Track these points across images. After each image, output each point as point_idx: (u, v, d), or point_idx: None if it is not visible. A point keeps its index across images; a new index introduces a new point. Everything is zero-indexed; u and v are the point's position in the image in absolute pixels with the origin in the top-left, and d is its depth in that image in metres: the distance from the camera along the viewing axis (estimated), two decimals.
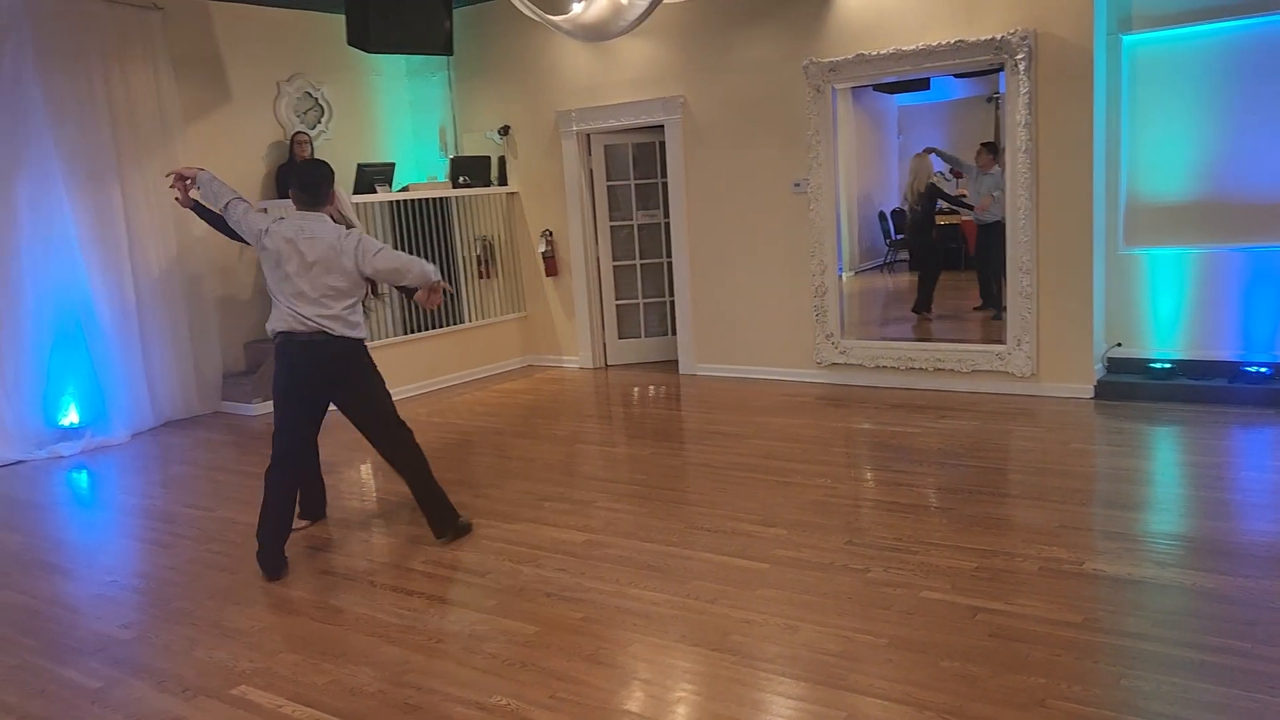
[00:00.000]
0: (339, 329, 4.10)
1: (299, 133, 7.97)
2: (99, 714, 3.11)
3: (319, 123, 8.38)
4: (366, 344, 4.29)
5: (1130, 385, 6.10)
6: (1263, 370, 5.85)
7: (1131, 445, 5.30)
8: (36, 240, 6.50)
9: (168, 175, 4.57)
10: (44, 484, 6.00)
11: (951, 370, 6.61)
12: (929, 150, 8.13)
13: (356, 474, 5.78)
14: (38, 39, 6.44)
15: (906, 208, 8.52)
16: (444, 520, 4.41)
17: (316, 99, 8.36)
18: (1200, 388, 5.91)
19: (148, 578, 4.29)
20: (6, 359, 6.43)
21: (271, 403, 4.23)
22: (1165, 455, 5.27)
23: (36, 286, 6.52)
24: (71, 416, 6.75)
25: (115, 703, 3.17)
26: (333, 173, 4.28)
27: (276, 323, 4.12)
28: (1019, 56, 5.98)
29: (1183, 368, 6.12)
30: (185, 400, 7.43)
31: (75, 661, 3.49)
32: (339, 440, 6.51)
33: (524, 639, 3.41)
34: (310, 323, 4.06)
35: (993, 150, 7.16)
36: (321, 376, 4.16)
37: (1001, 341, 6.45)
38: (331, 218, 4.22)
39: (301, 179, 4.22)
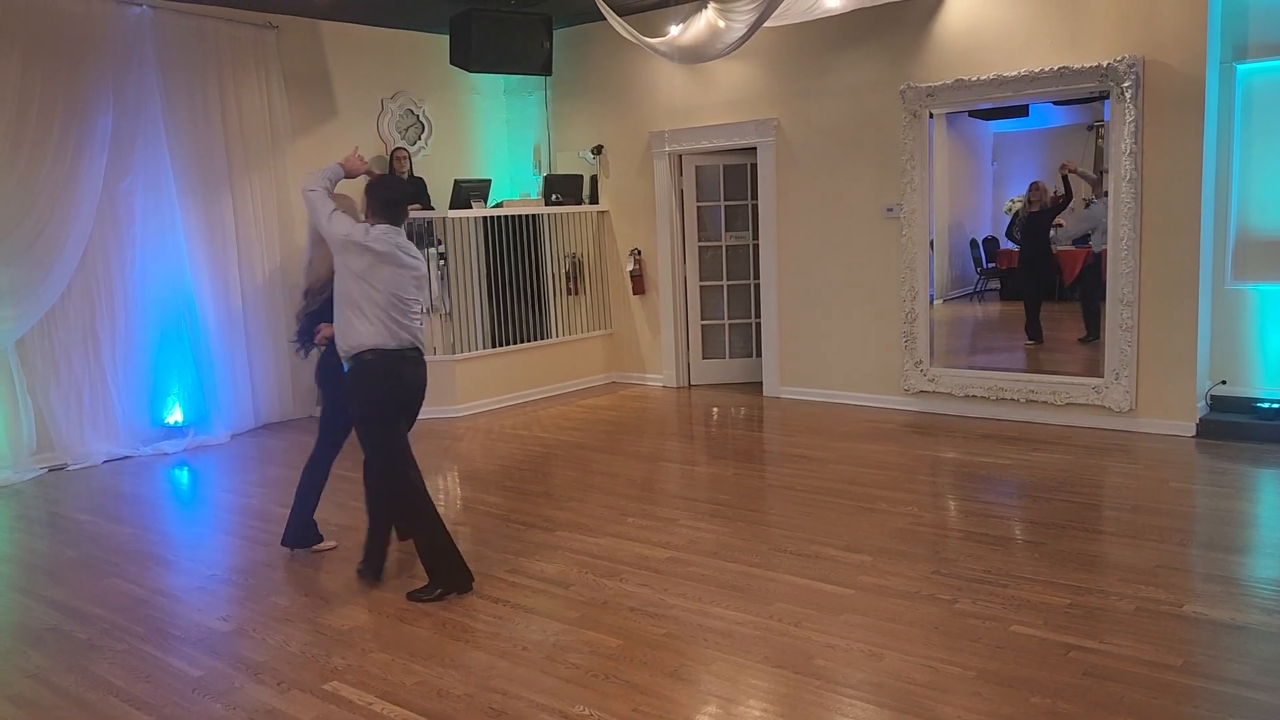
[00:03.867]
0: (424, 346, 4.19)
1: (399, 148, 8.21)
2: (198, 701, 3.24)
3: (419, 139, 8.62)
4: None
5: (1234, 425, 5.87)
6: None
7: (1234, 486, 5.11)
8: (149, 246, 6.83)
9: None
10: (149, 479, 6.27)
11: (1045, 402, 6.46)
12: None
13: (444, 480, 5.90)
14: (161, 55, 6.78)
15: (1019, 234, 8.31)
16: (373, 558, 4.23)
17: (418, 116, 8.61)
18: None
19: (245, 573, 4.45)
20: (119, 358, 6.75)
21: None
22: (1270, 498, 5.06)
23: (148, 290, 6.84)
24: (176, 415, 7.04)
25: (214, 691, 3.30)
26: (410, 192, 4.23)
27: None
28: (1125, 84, 5.85)
29: None
30: (282, 404, 7.69)
31: (178, 650, 3.64)
32: (425, 448, 6.66)
33: (607, 651, 3.44)
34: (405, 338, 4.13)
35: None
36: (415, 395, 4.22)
37: (1099, 375, 6.29)
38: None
39: (394, 194, 4.16)
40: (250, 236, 7.39)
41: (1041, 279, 8.14)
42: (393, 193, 4.10)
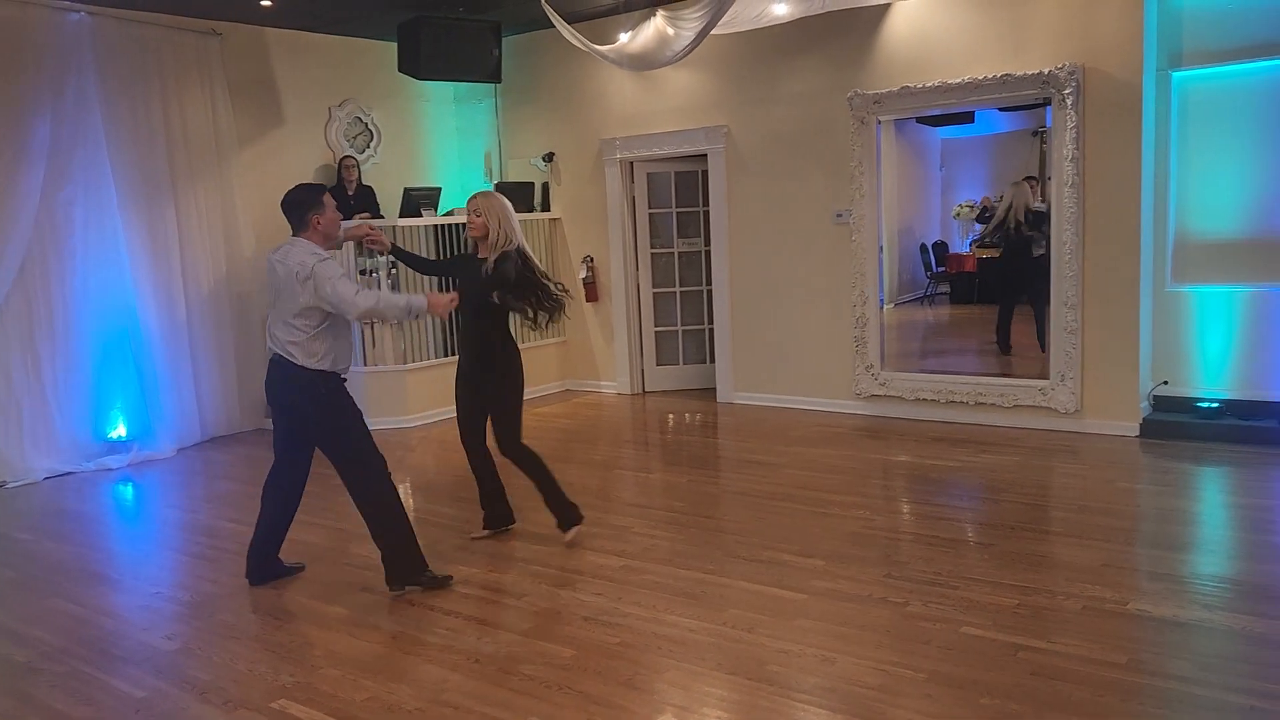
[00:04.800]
0: (298, 357, 4.01)
1: (347, 157, 8.13)
2: None
3: (368, 147, 8.54)
4: (331, 374, 4.08)
5: (1177, 424, 6.01)
6: None
7: (1177, 485, 5.22)
8: (90, 257, 6.68)
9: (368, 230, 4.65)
10: (92, 496, 6.12)
11: (993, 405, 6.56)
12: (1029, 179, 7.99)
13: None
14: (100, 63, 6.64)
15: (999, 238, 8.32)
16: (398, 574, 4.14)
17: (366, 124, 8.52)
18: (1249, 428, 5.81)
19: (191, 590, 4.36)
20: (59, 372, 6.58)
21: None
22: (1212, 496, 5.18)
23: (89, 302, 6.69)
24: (120, 430, 6.89)
25: (158, 712, 3.22)
26: (312, 196, 4.17)
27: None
28: (1066, 91, 5.97)
29: (1231, 407, 6.02)
30: (230, 417, 7.56)
31: (121, 671, 3.55)
32: None
33: (561, 662, 3.42)
34: (272, 346, 4.10)
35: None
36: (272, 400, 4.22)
37: (1045, 377, 6.39)
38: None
39: (283, 201, 4.18)
40: (195, 246, 7.26)
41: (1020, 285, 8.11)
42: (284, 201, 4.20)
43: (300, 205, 4.12)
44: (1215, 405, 6.05)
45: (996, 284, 8.51)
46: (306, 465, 4.35)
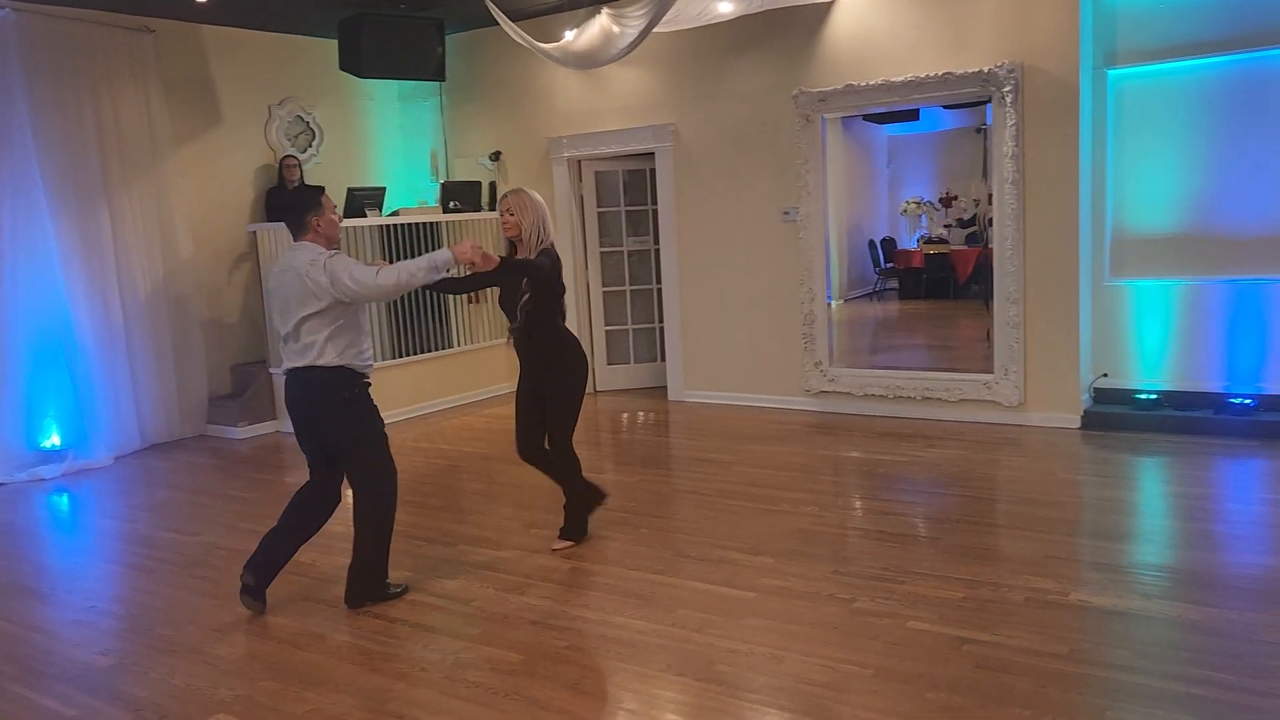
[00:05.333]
0: (316, 359, 3.82)
1: (288, 156, 7.99)
2: None
3: (310, 146, 8.40)
4: (354, 371, 3.90)
5: (1116, 416, 6.12)
6: (1247, 402, 5.88)
7: (1117, 476, 5.31)
8: (19, 260, 6.47)
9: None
10: (24, 507, 5.94)
11: (940, 399, 6.63)
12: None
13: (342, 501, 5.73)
14: (26, 59, 6.44)
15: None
16: (357, 593, 4.02)
17: (308, 123, 8.38)
18: (1185, 419, 5.93)
19: (128, 603, 4.24)
20: None
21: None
22: (1151, 486, 5.29)
23: (18, 306, 6.48)
24: (53, 439, 6.69)
25: None
26: (309, 198, 4.00)
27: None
28: (1006, 89, 6.05)
29: (1168, 399, 6.14)
30: (170, 423, 7.38)
31: (51, 689, 3.44)
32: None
33: (508, 667, 3.38)
34: (287, 362, 3.92)
35: None
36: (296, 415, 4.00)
37: (989, 371, 6.47)
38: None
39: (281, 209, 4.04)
40: (130, 249, 7.08)
41: None
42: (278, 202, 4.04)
43: (296, 209, 3.94)
44: (1153, 397, 6.17)
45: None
46: (333, 492, 4.12)
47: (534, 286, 4.22)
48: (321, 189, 4.24)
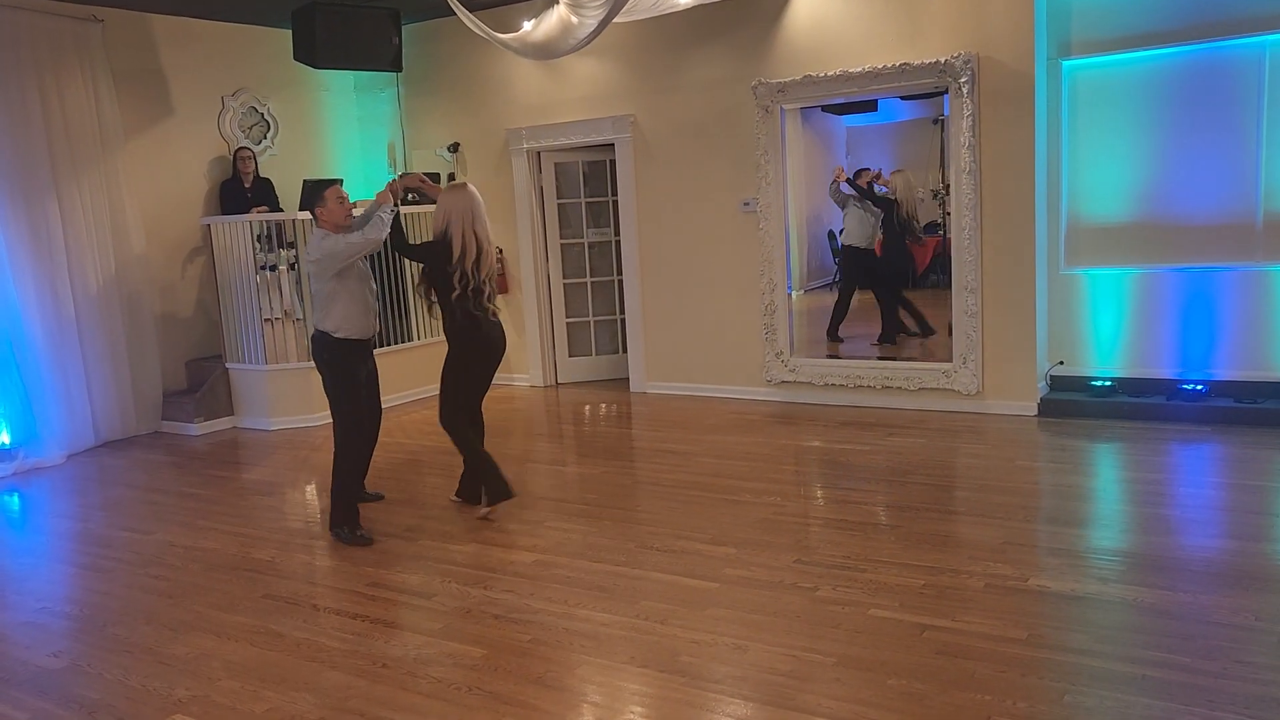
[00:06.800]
0: (313, 321, 4.86)
1: (242, 148, 7.86)
2: None
3: (265, 138, 8.27)
4: (331, 337, 4.73)
5: (1072, 403, 6.21)
6: (1199, 388, 5.99)
7: (1074, 462, 5.39)
8: None
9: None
10: None
11: (899, 388, 6.68)
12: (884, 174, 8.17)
13: (300, 494, 5.67)
14: None
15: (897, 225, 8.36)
16: (332, 519, 4.75)
17: (263, 114, 8.25)
18: (1140, 405, 6.03)
19: (81, 604, 4.16)
20: None
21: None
22: (1106, 472, 5.37)
23: None
24: (3, 437, 6.54)
25: None
26: (315, 191, 4.78)
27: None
28: (962, 80, 6.10)
29: (1123, 385, 6.24)
30: (124, 420, 7.24)
31: (3, 693, 3.36)
32: (281, 460, 6.40)
33: (470, 662, 3.35)
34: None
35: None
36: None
37: (948, 360, 6.54)
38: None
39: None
40: (81, 242, 6.92)
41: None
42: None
43: (308, 202, 4.75)
44: (1108, 384, 6.27)
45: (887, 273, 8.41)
46: (374, 414, 5.09)
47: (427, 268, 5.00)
48: (330, 182, 4.78)
